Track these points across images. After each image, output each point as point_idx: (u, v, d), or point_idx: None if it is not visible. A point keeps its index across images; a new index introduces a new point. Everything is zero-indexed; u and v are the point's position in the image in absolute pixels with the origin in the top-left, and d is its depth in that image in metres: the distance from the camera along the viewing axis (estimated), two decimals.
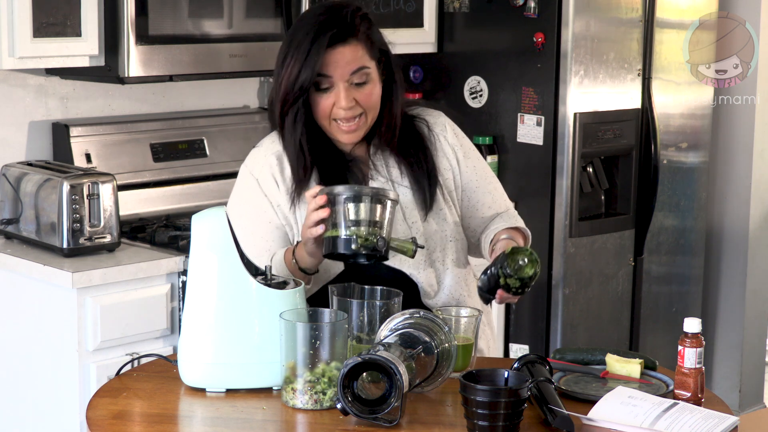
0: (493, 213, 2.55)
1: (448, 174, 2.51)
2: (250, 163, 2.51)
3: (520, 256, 2.18)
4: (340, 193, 2.20)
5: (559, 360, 2.29)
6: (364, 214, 2.19)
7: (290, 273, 2.33)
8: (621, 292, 4.15)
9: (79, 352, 3.00)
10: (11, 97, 3.44)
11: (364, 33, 2.39)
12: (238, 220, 2.41)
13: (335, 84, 2.37)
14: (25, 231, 3.21)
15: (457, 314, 2.23)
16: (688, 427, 1.94)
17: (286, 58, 2.38)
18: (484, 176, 2.56)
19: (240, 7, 3.50)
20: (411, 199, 2.46)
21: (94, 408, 2.05)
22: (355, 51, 2.37)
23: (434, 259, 2.47)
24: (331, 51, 2.35)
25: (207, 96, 3.89)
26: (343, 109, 2.37)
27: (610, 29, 3.96)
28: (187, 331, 2.13)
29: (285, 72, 2.38)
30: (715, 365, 4.76)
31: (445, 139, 2.53)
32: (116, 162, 3.54)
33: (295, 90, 2.36)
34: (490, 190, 2.56)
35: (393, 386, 1.91)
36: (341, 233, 2.19)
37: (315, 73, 2.34)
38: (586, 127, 3.92)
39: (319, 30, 2.35)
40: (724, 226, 4.70)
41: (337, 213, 2.20)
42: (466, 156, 2.54)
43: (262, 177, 2.46)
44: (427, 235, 2.45)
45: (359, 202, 2.19)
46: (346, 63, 2.36)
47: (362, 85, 2.39)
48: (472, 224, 2.55)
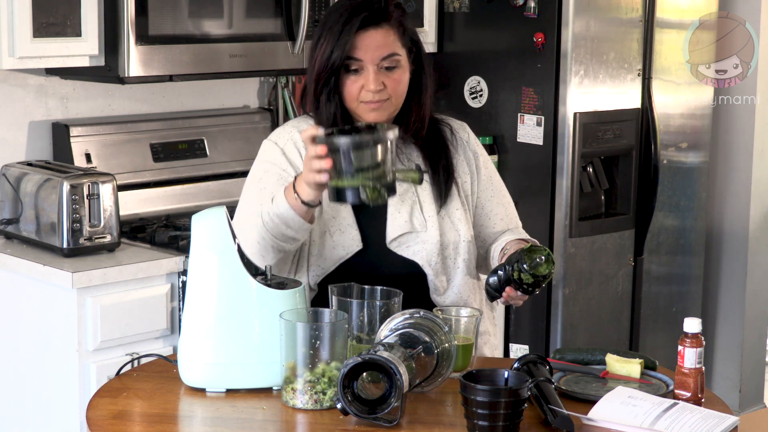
0: (504, 226, 2.57)
1: (466, 177, 2.53)
2: (274, 136, 2.52)
3: (538, 254, 2.18)
4: (341, 143, 2.13)
5: (559, 360, 2.29)
6: (366, 161, 2.13)
7: (293, 209, 2.26)
8: (621, 292, 4.15)
9: (79, 352, 3.00)
10: (11, 97, 3.44)
11: (396, 19, 2.42)
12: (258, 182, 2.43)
13: (365, 67, 2.38)
14: (25, 231, 3.21)
15: (457, 314, 2.23)
16: (688, 427, 1.94)
17: (319, 40, 2.41)
18: (499, 189, 2.60)
19: (240, 7, 3.50)
20: (429, 192, 2.48)
21: (94, 408, 2.05)
22: (386, 35, 2.39)
23: (446, 256, 2.47)
24: (363, 34, 2.37)
25: (207, 96, 3.89)
26: (371, 91, 2.38)
27: (610, 29, 3.96)
28: (187, 331, 2.13)
29: (318, 52, 2.39)
30: (715, 365, 4.76)
31: (467, 144, 2.56)
32: (116, 162, 3.54)
33: (327, 69, 2.38)
34: (504, 204, 2.59)
35: (393, 386, 1.91)
36: (346, 183, 2.14)
37: (346, 54, 2.36)
38: (586, 127, 3.92)
39: (353, 12, 2.38)
40: (724, 226, 4.70)
41: (339, 161, 2.13)
42: (485, 166, 2.58)
43: (287, 148, 2.47)
44: (442, 231, 2.47)
45: (361, 149, 2.13)
46: (377, 47, 2.38)
47: (392, 69, 2.40)
48: (482, 233, 2.56)
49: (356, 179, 2.14)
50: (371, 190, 2.14)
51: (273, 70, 3.76)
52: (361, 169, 2.13)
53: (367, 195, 2.14)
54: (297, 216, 2.27)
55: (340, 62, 2.37)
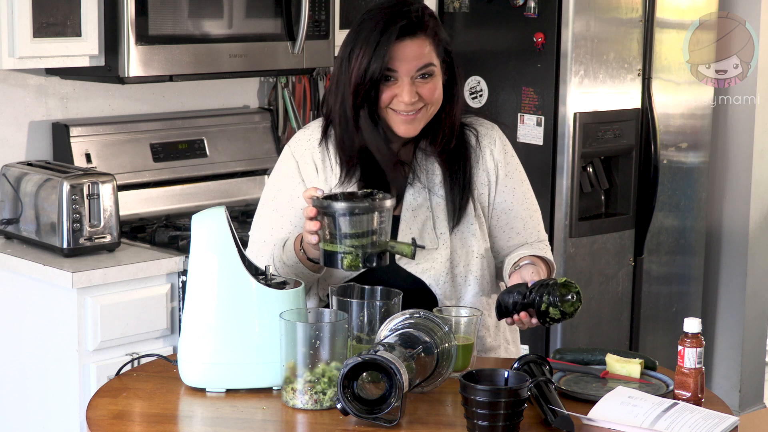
0: (521, 241, 2.50)
1: (483, 189, 2.47)
2: (294, 144, 2.49)
3: (572, 291, 2.15)
4: (332, 208, 2.15)
5: (559, 360, 2.29)
6: (358, 228, 2.15)
7: (299, 260, 2.31)
8: (621, 292, 4.15)
9: (79, 352, 3.00)
10: (11, 97, 3.44)
11: (432, 29, 2.37)
12: (271, 202, 2.44)
13: (400, 78, 2.34)
14: (25, 231, 3.21)
15: (457, 314, 2.23)
16: (688, 427, 1.94)
17: (354, 50, 2.34)
18: (522, 201, 2.51)
19: (240, 7, 3.50)
20: (443, 209, 2.43)
21: (94, 408, 2.05)
22: (422, 46, 2.35)
23: (456, 274, 2.43)
24: (400, 44, 2.32)
25: (207, 96, 3.89)
26: (404, 103, 2.34)
27: (610, 29, 3.96)
28: (187, 331, 2.13)
29: (354, 63, 2.33)
30: (715, 365, 4.76)
31: (491, 153, 2.49)
32: (116, 162, 3.54)
33: (365, 82, 2.32)
34: (524, 217, 2.50)
35: (393, 386, 1.91)
36: (335, 248, 2.16)
37: (385, 65, 2.31)
38: (586, 127, 3.92)
39: (389, 22, 2.32)
40: (724, 226, 4.70)
41: (331, 225, 2.16)
42: (509, 176, 2.49)
43: (302, 161, 2.45)
44: (452, 249, 2.42)
45: (354, 216, 2.15)
46: (413, 57, 2.33)
47: (426, 78, 2.36)
48: (495, 245, 2.50)
49: (346, 246, 2.16)
50: (351, 257, 2.16)
51: (273, 70, 3.76)
52: (352, 236, 2.15)
53: (343, 263, 2.16)
54: (305, 268, 2.31)
55: (380, 73, 2.31)
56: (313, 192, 2.17)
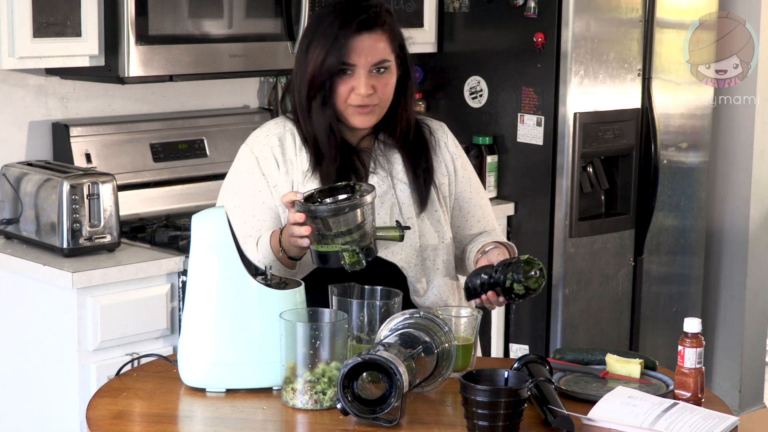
0: (481, 228, 2.60)
1: (444, 179, 2.56)
2: (251, 141, 2.53)
3: (536, 267, 2.20)
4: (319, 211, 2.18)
5: (559, 360, 2.29)
6: (345, 226, 2.19)
7: (274, 257, 2.34)
8: (621, 292, 4.15)
9: (79, 352, 3.00)
10: (11, 97, 3.44)
11: (388, 24, 2.44)
12: (232, 198, 2.45)
13: (356, 71, 2.40)
14: (25, 231, 3.21)
15: (457, 314, 2.23)
16: (688, 427, 1.94)
17: (311, 44, 2.42)
18: (477, 191, 2.61)
19: (240, 7, 3.50)
20: (408, 195, 2.50)
21: (94, 408, 2.05)
22: (379, 41, 2.41)
23: (425, 257, 2.50)
24: (358, 37, 2.39)
25: (207, 96, 3.89)
26: (361, 95, 2.40)
27: (610, 29, 3.96)
28: (187, 331, 2.13)
29: (311, 56, 2.40)
30: (715, 365, 4.76)
31: (445, 145, 2.59)
32: (116, 162, 3.54)
33: (322, 74, 2.39)
34: (482, 206, 2.61)
35: (393, 386, 1.91)
36: (326, 248, 2.20)
37: (342, 58, 2.38)
38: (586, 127, 3.92)
39: (346, 16, 2.39)
40: (724, 226, 4.70)
41: (321, 227, 2.19)
42: (463, 167, 2.60)
43: (262, 156, 2.49)
44: (421, 233, 2.49)
45: (339, 215, 2.18)
46: (370, 52, 2.40)
47: (381, 73, 2.43)
48: (458, 235, 2.59)
49: (336, 244, 2.20)
50: (350, 254, 2.20)
51: (273, 70, 3.77)
52: (340, 234, 2.19)
53: (345, 260, 2.20)
54: (281, 265, 2.35)
55: (337, 66, 2.39)
56: (293, 196, 2.21)
